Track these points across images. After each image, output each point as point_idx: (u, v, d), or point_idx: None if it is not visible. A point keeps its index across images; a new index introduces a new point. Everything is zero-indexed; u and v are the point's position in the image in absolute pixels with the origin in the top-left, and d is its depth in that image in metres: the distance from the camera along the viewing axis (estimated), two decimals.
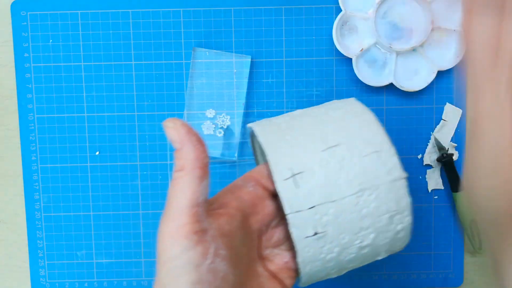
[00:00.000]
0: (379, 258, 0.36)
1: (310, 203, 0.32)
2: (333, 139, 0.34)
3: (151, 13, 0.48)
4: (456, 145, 0.49)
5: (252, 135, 0.41)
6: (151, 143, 0.49)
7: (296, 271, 0.35)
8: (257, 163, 0.45)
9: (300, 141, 0.34)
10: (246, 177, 0.36)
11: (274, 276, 0.35)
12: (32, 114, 0.49)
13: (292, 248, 0.35)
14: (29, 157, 0.50)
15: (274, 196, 0.35)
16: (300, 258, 0.33)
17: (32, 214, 0.50)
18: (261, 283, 0.34)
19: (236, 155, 0.49)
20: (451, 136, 0.50)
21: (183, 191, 0.30)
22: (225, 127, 0.49)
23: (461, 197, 0.48)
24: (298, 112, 0.38)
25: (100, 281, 0.50)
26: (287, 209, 0.32)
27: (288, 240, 0.35)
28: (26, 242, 0.51)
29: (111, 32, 0.49)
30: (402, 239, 0.35)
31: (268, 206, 0.35)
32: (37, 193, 0.50)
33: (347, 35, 0.48)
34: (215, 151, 0.49)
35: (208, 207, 0.31)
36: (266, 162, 0.35)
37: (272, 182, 0.33)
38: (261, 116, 0.49)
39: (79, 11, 0.48)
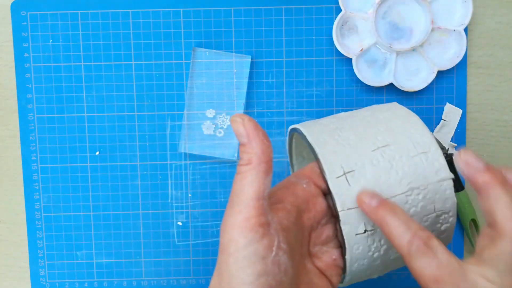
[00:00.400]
0: None
1: None
2: (382, 139, 0.35)
3: (151, 13, 0.48)
4: (456, 145, 0.49)
5: (292, 139, 0.42)
6: (151, 143, 0.49)
7: (342, 269, 0.36)
8: (291, 166, 0.45)
9: (350, 141, 0.35)
10: (299, 174, 0.37)
11: (322, 272, 0.35)
12: (32, 114, 0.49)
13: (340, 246, 0.35)
14: (29, 157, 0.50)
15: (325, 194, 0.36)
16: (348, 256, 0.34)
17: (32, 214, 0.50)
18: (311, 279, 0.34)
19: (236, 155, 0.49)
20: (451, 136, 0.50)
21: (250, 184, 0.31)
22: (225, 127, 0.49)
23: (461, 197, 0.48)
24: (343, 114, 0.39)
25: (100, 281, 0.50)
26: (339, 206, 0.33)
27: (336, 238, 0.36)
28: (26, 242, 0.51)
29: (111, 32, 0.49)
30: (444, 240, 0.36)
31: (320, 204, 0.36)
32: (37, 193, 0.50)
33: (347, 35, 0.48)
34: (215, 151, 0.49)
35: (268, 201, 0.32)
36: (315, 161, 0.36)
37: (324, 180, 0.34)
38: (261, 116, 0.49)
39: (79, 11, 0.48)
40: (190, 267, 0.50)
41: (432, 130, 0.50)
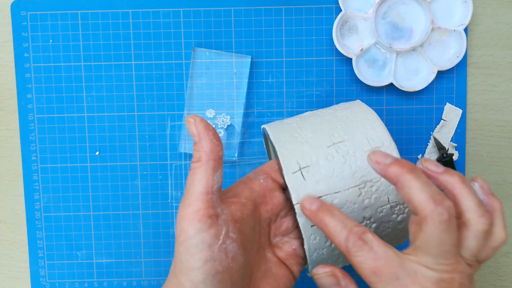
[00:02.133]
0: None
1: (316, 194, 0.35)
2: (338, 136, 0.37)
3: (151, 13, 0.48)
4: (456, 145, 0.49)
5: (265, 136, 0.44)
6: (151, 143, 0.49)
7: (304, 259, 0.38)
8: (270, 153, 0.47)
9: (308, 138, 0.37)
10: (258, 170, 0.39)
11: (282, 262, 0.38)
12: (32, 114, 0.49)
13: (300, 237, 0.38)
14: (29, 157, 0.50)
15: (283, 188, 0.39)
16: (306, 245, 0.36)
17: (32, 214, 0.50)
18: (269, 268, 0.37)
19: (236, 155, 0.49)
20: (451, 136, 0.50)
21: (199, 180, 0.33)
22: (225, 127, 0.49)
23: None
24: (307, 113, 0.41)
25: (100, 281, 0.50)
26: (294, 200, 0.35)
27: (296, 228, 0.38)
28: (26, 242, 0.51)
29: (111, 32, 0.49)
30: (403, 230, 0.37)
31: (278, 197, 0.38)
32: (37, 193, 0.50)
33: (347, 35, 0.48)
34: None
35: (222, 195, 0.35)
36: (276, 157, 0.38)
37: (282, 175, 0.37)
38: (261, 116, 0.49)
39: (79, 11, 0.48)
40: None
41: (432, 130, 0.50)
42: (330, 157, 0.36)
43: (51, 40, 0.49)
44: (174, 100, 0.49)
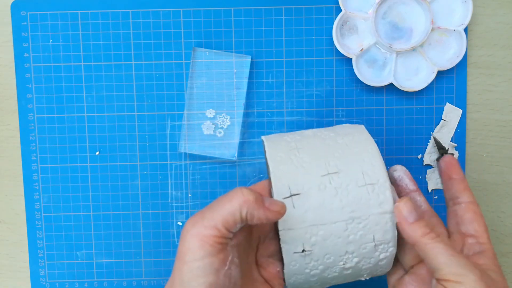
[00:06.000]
0: (362, 279, 0.38)
1: (302, 223, 0.35)
2: (334, 165, 0.36)
3: (151, 13, 0.48)
4: (456, 145, 0.49)
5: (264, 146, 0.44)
6: (151, 143, 0.49)
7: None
8: (267, 168, 0.45)
9: (304, 163, 0.36)
10: (251, 190, 0.38)
11: (267, 281, 0.38)
12: (32, 114, 0.49)
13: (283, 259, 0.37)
14: (29, 157, 0.50)
15: None
16: (286, 270, 0.36)
17: (32, 214, 0.50)
18: (256, 287, 0.37)
19: (236, 155, 0.49)
20: (451, 136, 0.50)
21: (230, 212, 0.32)
22: (225, 127, 0.49)
23: None
24: (309, 132, 0.40)
25: (100, 281, 0.50)
26: (280, 226, 0.35)
27: (281, 252, 0.38)
28: (26, 242, 0.51)
29: (111, 32, 0.49)
30: (384, 266, 0.37)
31: None
32: (37, 193, 0.50)
33: (347, 35, 0.48)
34: (215, 151, 0.49)
35: None
36: (269, 177, 0.37)
37: (272, 196, 0.36)
38: (261, 116, 0.49)
39: (79, 11, 0.48)
40: None
41: (432, 130, 0.50)
42: (322, 187, 0.35)
43: (51, 40, 0.49)
44: (174, 100, 0.49)
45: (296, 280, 0.36)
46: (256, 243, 0.38)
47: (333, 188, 0.35)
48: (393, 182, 0.41)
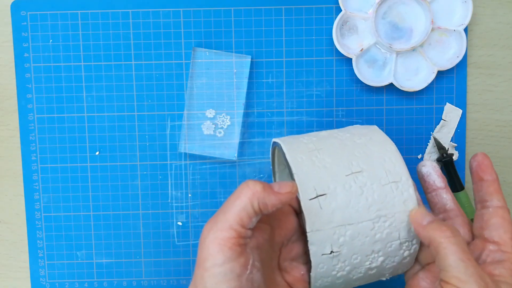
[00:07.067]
0: (383, 279, 0.38)
1: (330, 223, 0.34)
2: (356, 164, 0.36)
3: (151, 13, 0.48)
4: (456, 145, 0.49)
5: (275, 149, 0.43)
6: (151, 143, 0.49)
7: (309, 283, 0.37)
8: (273, 173, 0.46)
9: (326, 163, 0.36)
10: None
11: (290, 286, 0.37)
12: (32, 114, 0.49)
13: (308, 262, 0.37)
14: (29, 157, 0.50)
15: (297, 212, 0.38)
16: (313, 273, 0.35)
17: (32, 214, 0.50)
18: None
19: (236, 155, 0.49)
20: (451, 136, 0.50)
21: (239, 210, 0.32)
22: (225, 127, 0.49)
23: (461, 197, 0.48)
24: (324, 133, 0.40)
25: (100, 281, 0.50)
26: (308, 227, 0.34)
27: (305, 254, 0.38)
28: (26, 242, 0.51)
29: (111, 32, 0.49)
30: (406, 264, 0.37)
31: (292, 222, 0.38)
32: (37, 193, 0.50)
33: (347, 35, 0.48)
34: (215, 151, 0.49)
35: None
36: (292, 180, 0.37)
37: (297, 199, 0.36)
38: (261, 116, 0.49)
39: (79, 11, 0.48)
40: (190, 267, 0.50)
41: (432, 130, 0.50)
42: (347, 186, 0.35)
43: (51, 40, 0.49)
44: (174, 100, 0.49)
45: (322, 283, 0.36)
46: (279, 247, 0.37)
47: (358, 187, 0.35)
48: (421, 178, 0.40)
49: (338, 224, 0.34)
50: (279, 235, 0.37)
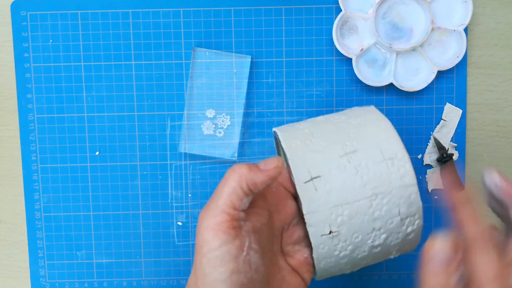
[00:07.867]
0: (391, 257, 0.38)
1: (326, 204, 0.35)
2: (350, 145, 0.36)
3: (151, 13, 0.48)
4: (456, 145, 0.49)
5: (276, 138, 0.44)
6: (151, 143, 0.49)
7: (314, 266, 0.38)
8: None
9: (320, 147, 0.36)
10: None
11: (294, 270, 0.38)
12: (32, 114, 0.49)
13: (310, 245, 0.37)
14: (29, 157, 0.50)
15: (295, 196, 0.38)
16: (315, 254, 0.35)
17: (32, 214, 0.50)
18: (283, 276, 0.37)
19: (236, 155, 0.49)
20: (451, 136, 0.50)
21: (228, 194, 0.33)
22: (225, 127, 0.49)
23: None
24: (320, 118, 0.40)
25: (100, 281, 0.50)
26: (304, 210, 0.34)
27: (307, 237, 0.38)
28: (26, 242, 0.51)
29: (111, 32, 0.49)
30: (412, 241, 0.37)
31: (290, 206, 0.38)
32: (37, 193, 0.50)
33: (347, 35, 0.48)
34: (215, 151, 0.49)
35: None
36: (288, 165, 0.38)
37: (293, 184, 0.36)
38: (261, 116, 0.49)
39: (79, 11, 0.48)
40: (190, 267, 0.50)
41: (432, 130, 0.50)
42: (342, 167, 0.35)
43: (51, 40, 0.49)
44: (174, 100, 0.49)
45: (326, 264, 0.36)
46: (279, 232, 0.38)
47: (352, 167, 0.35)
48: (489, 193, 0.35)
49: (334, 204, 0.35)
50: (279, 219, 0.38)
